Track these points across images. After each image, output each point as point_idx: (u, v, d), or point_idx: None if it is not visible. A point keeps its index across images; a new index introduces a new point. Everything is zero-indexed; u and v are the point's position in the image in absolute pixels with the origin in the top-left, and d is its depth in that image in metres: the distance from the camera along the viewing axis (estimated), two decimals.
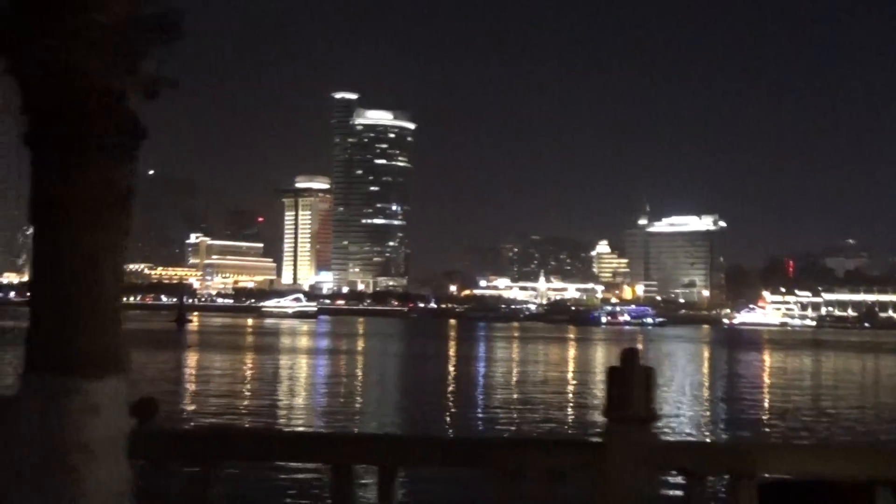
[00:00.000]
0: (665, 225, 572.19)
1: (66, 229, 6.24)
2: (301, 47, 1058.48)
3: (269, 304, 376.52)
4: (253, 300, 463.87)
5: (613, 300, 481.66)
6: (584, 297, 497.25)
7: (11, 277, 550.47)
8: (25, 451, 6.10)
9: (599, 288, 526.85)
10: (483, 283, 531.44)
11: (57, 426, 6.07)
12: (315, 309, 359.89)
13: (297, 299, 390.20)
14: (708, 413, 54.83)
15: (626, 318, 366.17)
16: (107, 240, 6.32)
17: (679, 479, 9.93)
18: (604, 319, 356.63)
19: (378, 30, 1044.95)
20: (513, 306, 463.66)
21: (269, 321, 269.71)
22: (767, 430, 46.05)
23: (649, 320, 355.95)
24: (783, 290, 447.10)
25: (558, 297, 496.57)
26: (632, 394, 9.37)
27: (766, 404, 60.53)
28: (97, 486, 6.11)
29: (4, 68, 6.30)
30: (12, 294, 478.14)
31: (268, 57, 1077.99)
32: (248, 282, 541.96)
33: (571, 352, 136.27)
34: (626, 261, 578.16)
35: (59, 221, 6.25)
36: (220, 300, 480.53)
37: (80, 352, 6.16)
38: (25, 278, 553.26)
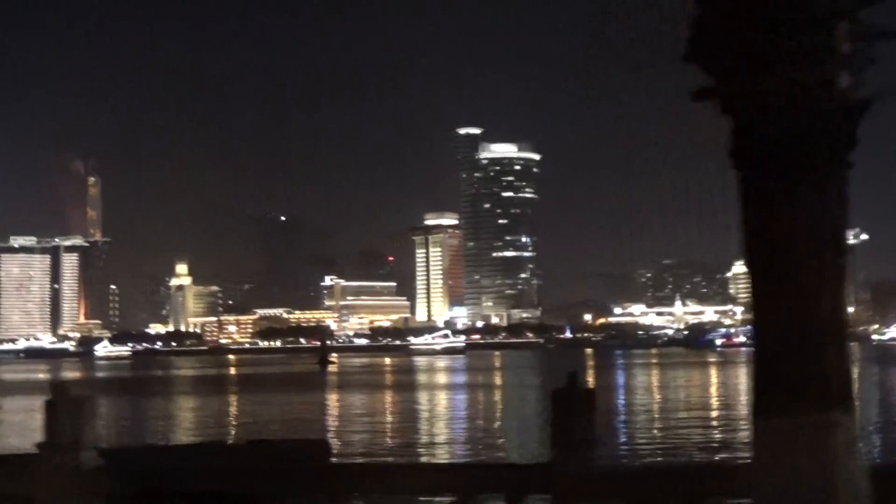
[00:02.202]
0: None
1: (792, 262, 5.79)
2: (423, 85, 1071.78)
3: (418, 341, 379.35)
4: (389, 339, 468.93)
5: (727, 322, 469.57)
6: (723, 320, 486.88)
7: (158, 328, 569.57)
8: (792, 495, 5.76)
9: (739, 309, 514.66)
10: (618, 310, 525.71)
11: (823, 467, 5.76)
12: (463, 345, 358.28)
13: (445, 335, 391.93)
14: None
15: (742, 339, 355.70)
16: (831, 273, 5.82)
17: None
18: (719, 342, 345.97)
19: (497, 64, 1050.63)
20: (650, 332, 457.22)
21: (416, 359, 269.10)
22: None
23: None
24: None
25: (696, 321, 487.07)
26: None
27: None
28: None
29: (713, 92, 5.87)
30: (159, 344, 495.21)
31: (391, 97, 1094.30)
32: (383, 321, 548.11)
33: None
34: None
35: (784, 255, 5.81)
36: (356, 340, 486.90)
37: (830, 384, 5.83)
38: (171, 328, 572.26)
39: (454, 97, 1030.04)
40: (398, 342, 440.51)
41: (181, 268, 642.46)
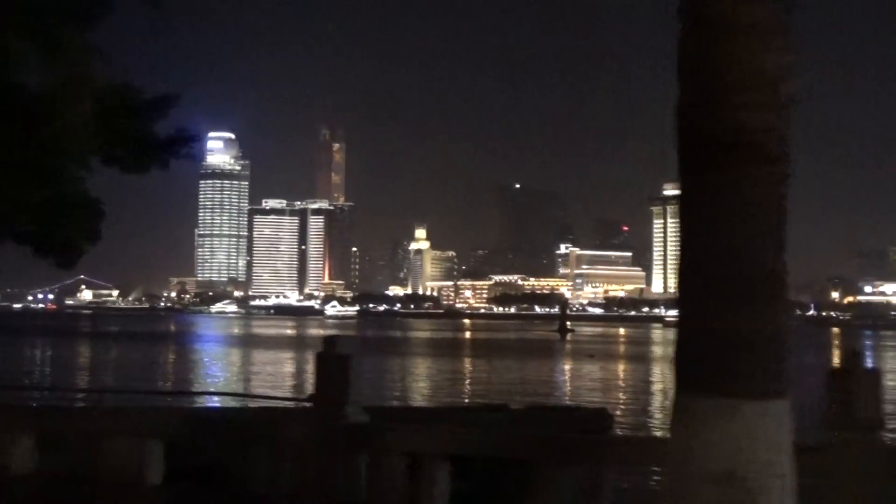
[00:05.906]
0: None
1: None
2: (657, 51, 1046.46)
3: (672, 313, 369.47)
4: (623, 309, 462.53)
5: None
6: None
7: (396, 290, 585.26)
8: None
9: None
10: (868, 289, 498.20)
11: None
12: None
13: None
14: None
15: None
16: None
17: None
18: None
19: None
20: None
21: (655, 331, 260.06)
22: None
23: None
24: None
25: None
26: None
27: None
28: None
29: None
30: (398, 305, 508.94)
31: (630, 66, 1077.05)
32: (618, 291, 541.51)
33: None
34: None
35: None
36: (590, 309, 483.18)
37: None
38: (409, 290, 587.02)
39: None
40: (634, 312, 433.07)
41: (420, 232, 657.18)
